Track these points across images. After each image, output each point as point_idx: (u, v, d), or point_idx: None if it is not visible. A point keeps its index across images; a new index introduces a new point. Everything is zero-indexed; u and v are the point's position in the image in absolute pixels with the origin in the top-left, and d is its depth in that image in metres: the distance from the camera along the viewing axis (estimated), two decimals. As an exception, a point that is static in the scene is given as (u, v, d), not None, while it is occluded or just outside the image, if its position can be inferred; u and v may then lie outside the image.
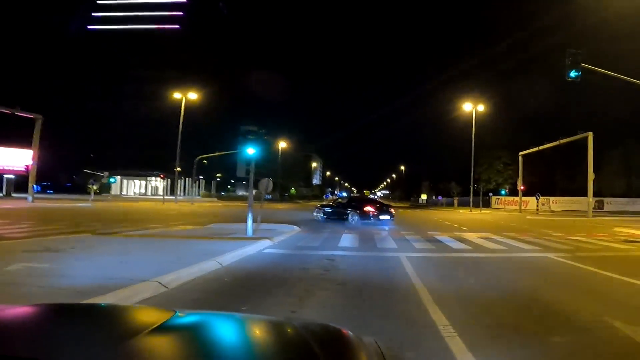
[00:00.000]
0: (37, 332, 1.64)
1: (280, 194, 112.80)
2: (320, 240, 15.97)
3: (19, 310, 1.95)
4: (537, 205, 54.23)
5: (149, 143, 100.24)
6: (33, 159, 48.19)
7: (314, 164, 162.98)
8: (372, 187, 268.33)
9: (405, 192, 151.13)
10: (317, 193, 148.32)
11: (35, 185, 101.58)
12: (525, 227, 26.08)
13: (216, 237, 14.87)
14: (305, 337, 1.73)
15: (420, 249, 13.99)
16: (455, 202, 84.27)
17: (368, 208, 27.62)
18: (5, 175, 66.08)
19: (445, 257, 12.48)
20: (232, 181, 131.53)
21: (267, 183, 20.57)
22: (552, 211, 56.13)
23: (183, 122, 58.07)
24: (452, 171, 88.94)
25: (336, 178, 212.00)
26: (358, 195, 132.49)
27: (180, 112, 59.07)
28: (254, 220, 16.78)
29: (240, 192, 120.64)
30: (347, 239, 16.59)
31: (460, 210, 59.50)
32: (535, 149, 53.09)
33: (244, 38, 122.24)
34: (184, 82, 75.49)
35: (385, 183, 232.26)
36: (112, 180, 74.46)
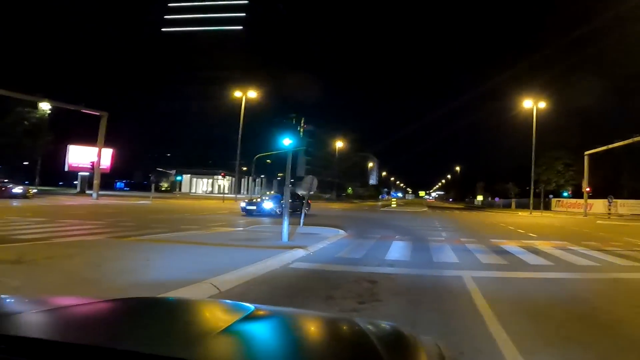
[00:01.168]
0: (121, 324, 1.67)
1: (337, 193, 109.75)
2: (365, 250, 12.76)
3: (103, 305, 1.97)
4: (609, 209, 48.59)
5: (216, 142, 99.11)
6: (98, 155, 47.02)
7: (370, 164, 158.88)
8: (427, 187, 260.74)
9: (460, 193, 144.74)
10: (373, 193, 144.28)
11: (118, 182, 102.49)
12: (602, 234, 21.88)
13: (242, 244, 11.98)
14: (370, 336, 1.65)
15: (488, 265, 10.59)
16: (513, 204, 78.54)
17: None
18: (80, 173, 66.04)
19: (525, 278, 9.05)
20: (292, 180, 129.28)
21: (311, 180, 17.68)
22: (620, 215, 50.40)
23: (245, 121, 56.52)
24: (508, 172, 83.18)
25: (391, 178, 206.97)
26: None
27: (241, 111, 57.53)
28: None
29: (299, 192, 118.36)
30: (397, 248, 13.33)
31: (519, 213, 54.54)
32: (604, 147, 47.55)
33: (302, 38, 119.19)
34: (246, 81, 73.60)
35: (440, 184, 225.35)
36: (178, 178, 73.72)
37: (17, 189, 38.79)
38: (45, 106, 54.84)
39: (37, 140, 60.01)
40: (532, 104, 54.57)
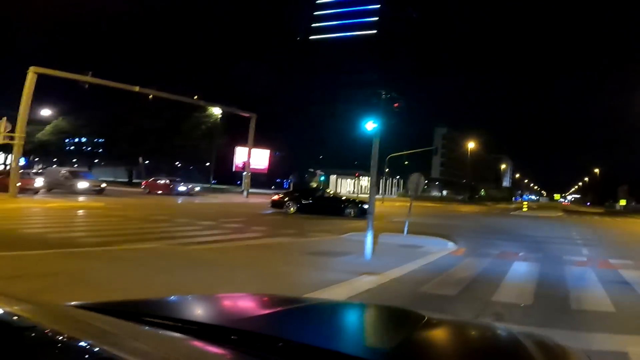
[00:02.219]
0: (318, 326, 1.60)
1: (470, 195, 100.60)
2: (469, 279, 8.10)
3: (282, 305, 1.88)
4: None
5: (360, 143, 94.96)
6: (248, 155, 46.04)
7: (503, 166, 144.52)
8: (563, 190, 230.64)
9: (598, 197, 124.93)
10: (506, 195, 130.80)
11: (286, 182, 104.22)
12: None
13: (310, 260, 8.17)
14: (528, 345, 1.49)
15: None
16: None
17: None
18: (244, 173, 66.73)
19: None
20: (426, 181, 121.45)
21: (417, 179, 13.26)
22: None
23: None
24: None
25: (525, 180, 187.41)
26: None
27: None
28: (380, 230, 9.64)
29: (434, 193, 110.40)
30: (516, 277, 8.50)
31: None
32: None
33: (434, 40, 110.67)
34: (384, 82, 69.10)
35: (576, 187, 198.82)
36: (322, 178, 71.93)
37: (182, 187, 38.79)
38: (217, 111, 56.07)
39: (212, 143, 61.57)
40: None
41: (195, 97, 46.19)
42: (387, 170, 58.70)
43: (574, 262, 10.75)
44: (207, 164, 67.53)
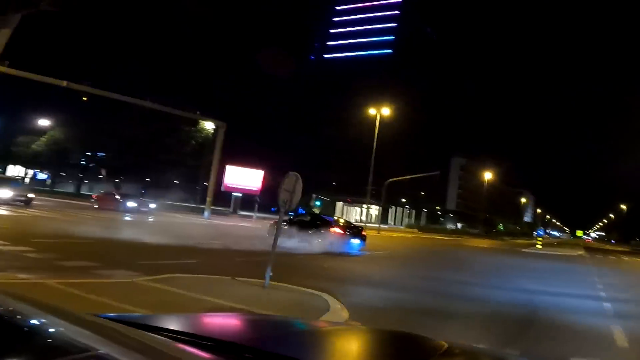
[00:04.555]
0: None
1: (486, 229, 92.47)
2: None
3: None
4: None
5: (369, 168, 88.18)
6: (215, 173, 39.28)
7: (523, 200, 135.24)
8: (586, 227, 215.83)
9: (623, 235, 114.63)
10: (526, 230, 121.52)
11: (273, 208, 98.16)
12: None
13: None
14: None
15: None
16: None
17: None
18: (234, 193, 60.77)
19: None
20: (440, 213, 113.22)
21: (293, 182, 6.96)
22: None
23: (391, 150, 46.46)
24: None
25: (547, 216, 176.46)
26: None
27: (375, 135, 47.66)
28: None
29: (449, 225, 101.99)
30: None
31: None
32: None
33: (452, 63, 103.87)
34: (394, 105, 62.96)
35: (600, 224, 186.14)
36: (317, 203, 65.25)
37: (132, 203, 32.62)
38: (209, 125, 51.38)
39: (201, 159, 56.90)
40: None
41: (198, 112, 41.80)
42: (383, 196, 52.03)
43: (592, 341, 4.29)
44: (205, 183, 62.31)
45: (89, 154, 66.30)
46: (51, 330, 0.99)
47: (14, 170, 67.57)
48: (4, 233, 11.08)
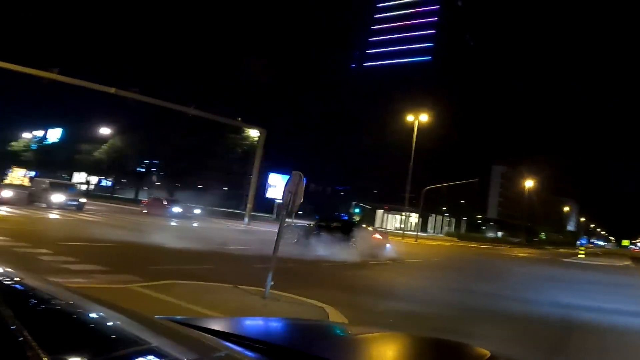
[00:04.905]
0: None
1: (527, 237, 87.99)
2: None
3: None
4: None
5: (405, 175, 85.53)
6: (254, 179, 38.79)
7: (566, 208, 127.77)
8: (633, 237, 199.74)
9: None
10: (570, 239, 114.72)
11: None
12: None
13: None
14: None
15: None
16: None
17: None
18: (276, 200, 60.86)
19: None
20: (479, 222, 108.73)
21: (296, 181, 6.22)
22: None
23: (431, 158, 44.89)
24: None
25: (591, 225, 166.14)
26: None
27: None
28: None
29: (490, 234, 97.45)
30: None
31: None
32: None
33: (493, 68, 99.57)
34: (438, 111, 60.95)
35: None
36: (356, 210, 64.00)
37: (177, 209, 32.72)
38: (254, 133, 51.46)
39: (246, 166, 57.21)
40: None
41: (239, 119, 41.79)
42: (421, 204, 50.21)
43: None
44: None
45: (147, 161, 68.10)
46: (112, 324, 1.02)
47: (79, 178, 70.22)
48: (32, 235, 10.91)
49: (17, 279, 1.16)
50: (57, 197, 26.02)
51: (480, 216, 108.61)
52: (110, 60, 65.91)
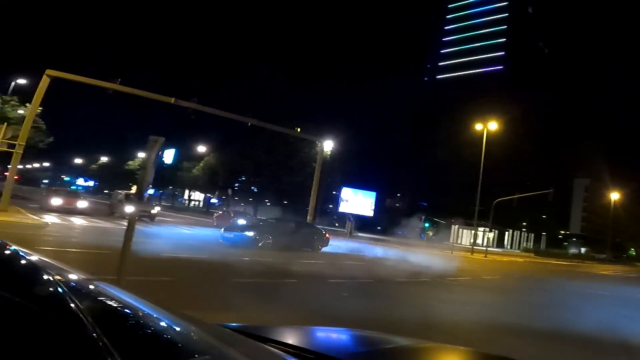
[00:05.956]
0: None
1: (614, 254, 76.77)
2: None
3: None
4: None
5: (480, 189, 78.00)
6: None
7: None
8: None
9: None
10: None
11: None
12: None
13: None
14: None
15: None
16: None
17: None
18: (347, 214, 58.65)
19: None
20: (561, 237, 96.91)
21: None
22: None
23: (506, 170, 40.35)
24: None
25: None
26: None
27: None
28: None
29: (572, 250, 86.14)
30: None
31: None
32: None
33: (571, 76, 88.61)
34: (513, 123, 55.33)
35: None
36: (426, 225, 59.78)
37: (242, 221, 32.46)
38: (327, 147, 50.15)
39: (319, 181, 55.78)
40: None
41: (299, 129, 40.58)
42: (491, 217, 44.99)
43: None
44: (330, 205, 61.45)
45: (234, 177, 69.69)
46: (177, 332, 0.99)
47: (187, 194, 73.13)
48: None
49: (92, 287, 1.10)
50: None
51: (562, 231, 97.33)
52: (174, 74, 68.31)
